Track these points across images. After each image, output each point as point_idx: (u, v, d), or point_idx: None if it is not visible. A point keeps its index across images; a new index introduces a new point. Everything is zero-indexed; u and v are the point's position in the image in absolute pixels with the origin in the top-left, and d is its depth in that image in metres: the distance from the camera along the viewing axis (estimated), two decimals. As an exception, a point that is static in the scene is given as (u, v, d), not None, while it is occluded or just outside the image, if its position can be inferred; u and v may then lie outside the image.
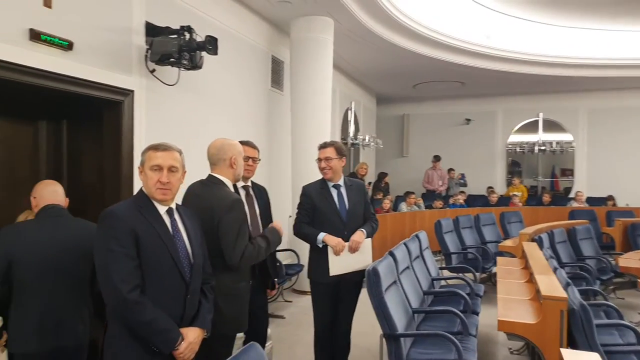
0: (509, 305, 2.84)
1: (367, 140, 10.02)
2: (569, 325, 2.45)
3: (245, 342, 3.23)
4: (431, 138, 11.96)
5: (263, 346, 3.26)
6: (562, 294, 2.49)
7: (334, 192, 3.31)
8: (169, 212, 2.06)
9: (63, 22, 3.19)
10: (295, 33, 6.26)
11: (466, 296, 3.65)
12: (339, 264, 3.15)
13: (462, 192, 9.76)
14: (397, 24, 7.04)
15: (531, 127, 11.22)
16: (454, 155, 11.38)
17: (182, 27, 3.91)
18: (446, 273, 5.55)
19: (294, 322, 4.96)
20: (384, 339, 2.90)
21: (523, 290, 3.17)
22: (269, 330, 3.80)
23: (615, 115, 10.69)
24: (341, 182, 3.35)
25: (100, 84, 3.52)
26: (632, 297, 5.67)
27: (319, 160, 3.30)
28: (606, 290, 5.43)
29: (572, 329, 2.43)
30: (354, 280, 3.24)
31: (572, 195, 10.26)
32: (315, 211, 3.26)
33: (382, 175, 10.15)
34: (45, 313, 2.32)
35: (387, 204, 8.04)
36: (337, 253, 3.12)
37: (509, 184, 10.92)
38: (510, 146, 11.40)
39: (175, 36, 3.90)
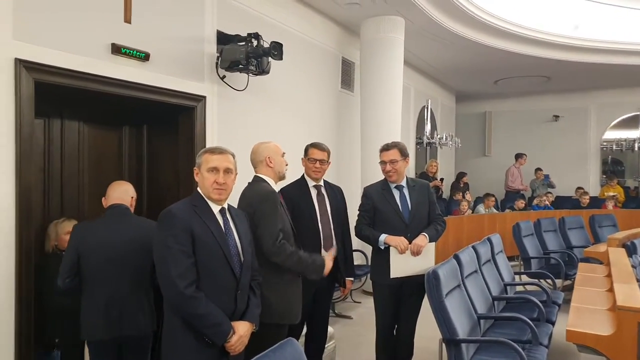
0: (582, 315, 2.64)
1: (444, 139, 9.75)
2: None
3: (305, 336, 3.30)
4: (515, 136, 11.33)
5: (323, 342, 3.33)
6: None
7: (397, 194, 3.27)
8: (222, 211, 2.17)
9: (141, 36, 3.46)
10: (365, 34, 6.26)
11: (539, 303, 3.44)
12: (400, 266, 3.11)
13: (549, 193, 9.18)
14: (472, 19, 6.78)
15: (631, 123, 10.30)
16: (541, 154, 10.68)
17: (249, 34, 4.06)
18: (524, 279, 5.27)
19: (361, 322, 4.96)
20: (443, 344, 2.83)
21: (602, 300, 2.93)
22: (331, 329, 3.85)
23: None
24: (404, 182, 3.31)
25: (174, 91, 3.77)
26: None
27: (384, 163, 3.26)
28: None
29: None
30: (418, 282, 3.14)
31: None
32: (376, 213, 3.25)
33: (460, 175, 9.80)
34: (109, 304, 2.52)
35: (464, 206, 7.76)
36: (401, 251, 3.07)
37: (604, 184, 10.08)
38: (605, 144, 10.51)
39: (243, 43, 4.07)
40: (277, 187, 2.76)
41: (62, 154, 3.66)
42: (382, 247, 3.14)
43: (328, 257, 2.73)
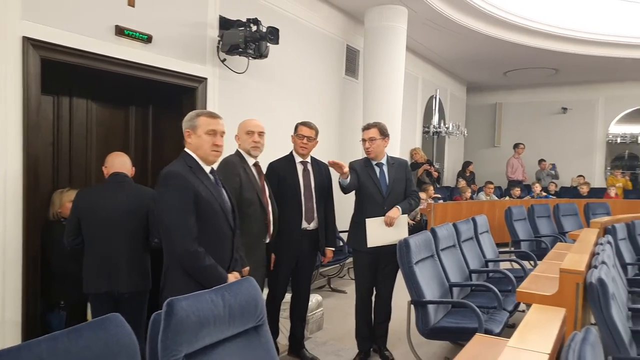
0: (536, 280, 2.84)
1: (450, 128, 9.88)
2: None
3: (292, 302, 3.56)
4: (525, 127, 11.40)
5: (306, 306, 3.59)
6: (580, 268, 2.48)
7: (377, 170, 3.51)
8: (212, 172, 2.38)
9: (144, 19, 3.73)
10: (369, 22, 6.44)
11: (511, 276, 3.64)
12: (376, 236, 3.35)
13: (553, 183, 9.29)
14: (476, 10, 6.89)
15: (637, 116, 10.32)
16: (549, 145, 10.80)
17: (248, 19, 4.31)
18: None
19: (354, 297, 5.19)
20: (412, 306, 3.07)
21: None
22: (320, 298, 4.12)
23: None
24: (384, 160, 3.54)
25: (176, 72, 4.04)
26: None
27: (363, 140, 3.51)
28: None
29: (590, 303, 2.42)
30: (393, 252, 3.38)
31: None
32: (359, 187, 3.48)
33: (466, 164, 9.99)
34: (104, 262, 2.80)
35: (468, 193, 7.95)
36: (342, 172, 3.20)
37: (610, 175, 10.17)
38: (611, 136, 10.52)
39: (242, 28, 4.32)
40: (254, 160, 3.06)
41: (71, 130, 3.97)
42: (344, 184, 3.28)
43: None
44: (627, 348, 2.37)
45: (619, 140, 10.42)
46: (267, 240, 3.04)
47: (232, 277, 2.27)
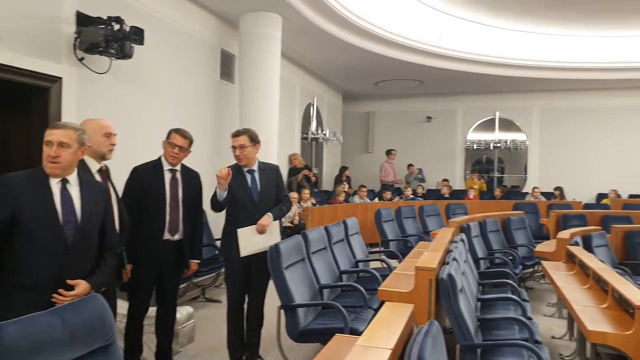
0: (398, 279, 3.03)
1: (328, 135, 10.22)
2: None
3: (157, 316, 3.38)
4: (395, 135, 12.20)
5: (172, 320, 3.43)
6: (433, 265, 2.69)
7: (248, 177, 3.47)
8: (63, 181, 2.20)
9: (-19, 9, 3.31)
10: (244, 28, 6.42)
11: (378, 275, 3.83)
12: (248, 245, 3.31)
13: (420, 185, 10.05)
14: (345, 21, 7.20)
15: (490, 125, 11.59)
16: (417, 151, 11.65)
17: (109, 17, 4.04)
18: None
19: (229, 306, 5.10)
20: (282, 311, 3.08)
21: (420, 267, 3.35)
22: (190, 309, 3.98)
23: (566, 115, 11.16)
24: (255, 167, 3.51)
25: (23, 69, 3.65)
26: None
27: (233, 148, 3.45)
28: (532, 276, 5.73)
29: (440, 297, 2.62)
30: (266, 258, 3.37)
31: (527, 190, 10.59)
32: (231, 194, 3.41)
33: (342, 169, 10.39)
34: None
35: (342, 196, 8.25)
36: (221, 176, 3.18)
37: (468, 178, 11.31)
38: (469, 143, 11.70)
39: (103, 26, 4.03)
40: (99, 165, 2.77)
41: None
42: (221, 199, 3.25)
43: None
44: (473, 336, 2.61)
45: (475, 146, 11.58)
46: None
47: (81, 286, 2.16)
